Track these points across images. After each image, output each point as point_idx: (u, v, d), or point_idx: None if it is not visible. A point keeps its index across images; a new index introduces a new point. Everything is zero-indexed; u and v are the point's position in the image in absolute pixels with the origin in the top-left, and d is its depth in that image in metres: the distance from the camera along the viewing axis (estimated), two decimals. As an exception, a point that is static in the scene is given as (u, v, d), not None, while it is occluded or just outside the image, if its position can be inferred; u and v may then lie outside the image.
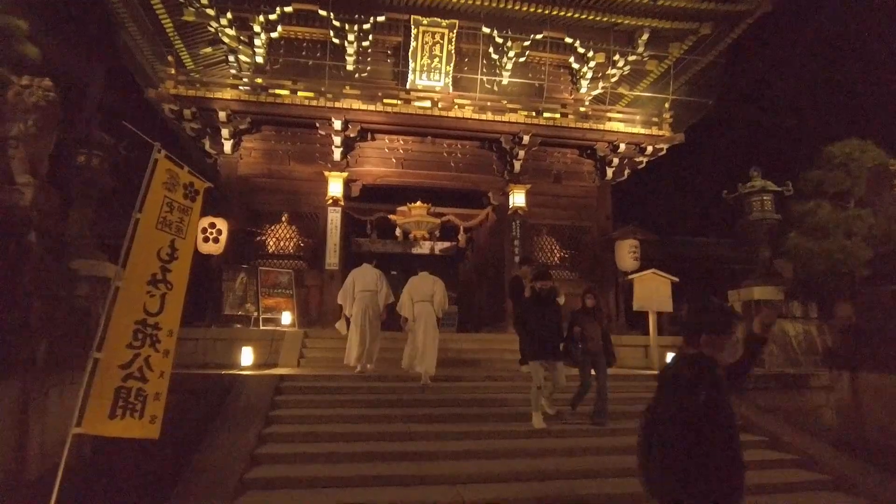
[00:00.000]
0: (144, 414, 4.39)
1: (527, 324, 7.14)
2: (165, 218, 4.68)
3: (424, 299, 9.00)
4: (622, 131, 14.05)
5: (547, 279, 7.18)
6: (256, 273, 12.25)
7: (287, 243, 13.67)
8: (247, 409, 6.90)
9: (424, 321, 8.73)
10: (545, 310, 6.99)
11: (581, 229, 14.66)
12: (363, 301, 9.28)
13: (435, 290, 9.07)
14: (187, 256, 4.86)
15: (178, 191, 4.82)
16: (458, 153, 14.38)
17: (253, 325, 11.96)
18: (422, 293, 9.04)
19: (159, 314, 4.54)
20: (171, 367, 4.65)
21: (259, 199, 13.57)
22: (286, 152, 13.85)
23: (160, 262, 4.60)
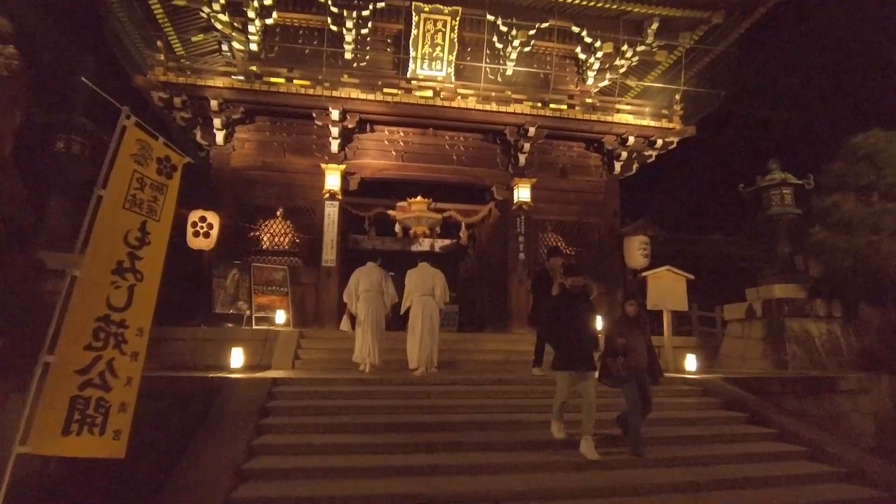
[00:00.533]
0: (106, 429, 3.61)
1: (555, 327, 6.02)
2: (135, 196, 3.91)
3: (426, 293, 8.95)
4: (631, 123, 13.32)
5: (580, 275, 6.24)
6: (249, 270, 11.46)
7: (282, 239, 12.88)
8: (235, 417, 6.11)
9: (427, 315, 8.74)
10: (577, 311, 5.91)
11: (588, 225, 13.92)
12: (368, 301, 9.03)
13: (436, 282, 8.99)
14: (162, 242, 4.09)
15: (150, 165, 4.05)
16: (460, 146, 13.62)
17: (245, 324, 11.17)
18: (422, 286, 8.99)
19: (126, 309, 3.77)
20: (140, 372, 3.87)
21: (253, 192, 12.77)
22: (281, 144, 13.06)
23: (128, 247, 3.83)
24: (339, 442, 5.79)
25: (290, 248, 12.90)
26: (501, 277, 13.74)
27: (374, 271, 9.30)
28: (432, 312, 8.89)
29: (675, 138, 13.55)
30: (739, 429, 6.96)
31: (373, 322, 8.91)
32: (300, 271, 12.57)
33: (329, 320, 12.20)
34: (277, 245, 12.83)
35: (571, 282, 6.10)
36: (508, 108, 12.83)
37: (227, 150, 12.79)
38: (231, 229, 12.22)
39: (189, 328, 10.27)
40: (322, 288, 12.44)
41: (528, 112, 12.87)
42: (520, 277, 13.10)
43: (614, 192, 14.08)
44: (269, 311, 11.31)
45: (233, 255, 12.00)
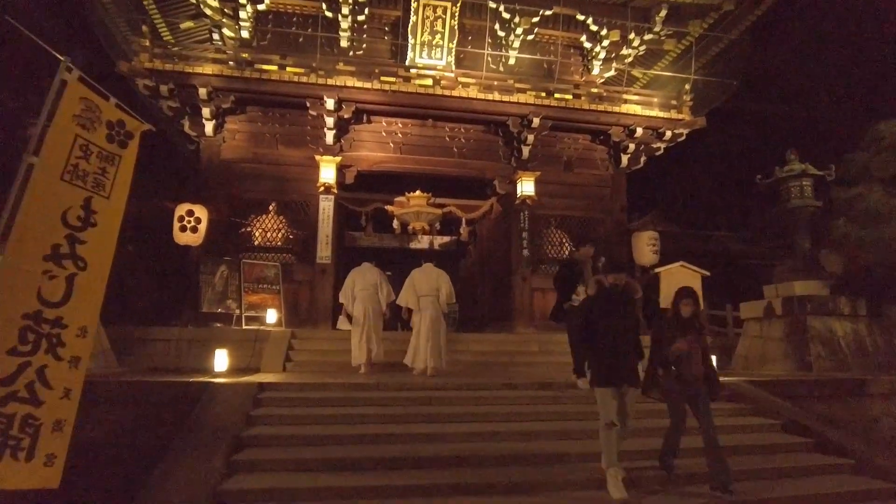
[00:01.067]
0: (36, 453, 2.85)
1: (591, 333, 4.91)
2: (77, 166, 3.15)
3: (430, 294, 8.56)
4: (639, 114, 12.59)
5: (622, 271, 5.08)
6: (239, 266, 10.68)
7: (274, 235, 12.11)
8: (215, 428, 5.34)
9: (430, 317, 8.34)
10: (619, 315, 4.84)
11: (593, 221, 13.18)
12: (364, 300, 8.73)
13: (440, 283, 8.64)
14: (112, 225, 3.33)
15: (98, 130, 3.30)
16: (461, 138, 12.87)
17: (235, 323, 10.40)
18: (426, 287, 8.60)
19: (63, 304, 3.02)
20: (82, 382, 3.10)
21: (244, 185, 11.99)
22: (274, 135, 12.29)
23: (67, 228, 3.07)
24: (333, 456, 5.02)
25: (283, 245, 12.13)
26: (504, 275, 13.00)
27: (370, 271, 9.01)
28: (437, 314, 8.51)
29: (684, 130, 12.82)
30: (774, 438, 6.22)
31: (370, 322, 8.58)
32: (294, 268, 11.80)
33: (323, 320, 11.45)
34: (270, 241, 12.05)
35: (613, 279, 4.95)
36: (511, 98, 12.08)
37: (217, 142, 12.02)
38: (220, 224, 11.46)
39: (174, 328, 9.51)
40: (316, 286, 11.67)
41: (532, 102, 12.13)
42: (523, 275, 12.37)
43: (621, 186, 13.35)
44: (260, 310, 10.54)
45: (222, 251, 11.22)
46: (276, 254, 11.97)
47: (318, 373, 8.32)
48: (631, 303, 4.99)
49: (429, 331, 8.27)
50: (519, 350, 9.81)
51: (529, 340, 10.27)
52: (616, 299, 4.89)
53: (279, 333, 9.43)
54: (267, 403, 6.17)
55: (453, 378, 7.69)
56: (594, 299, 5.06)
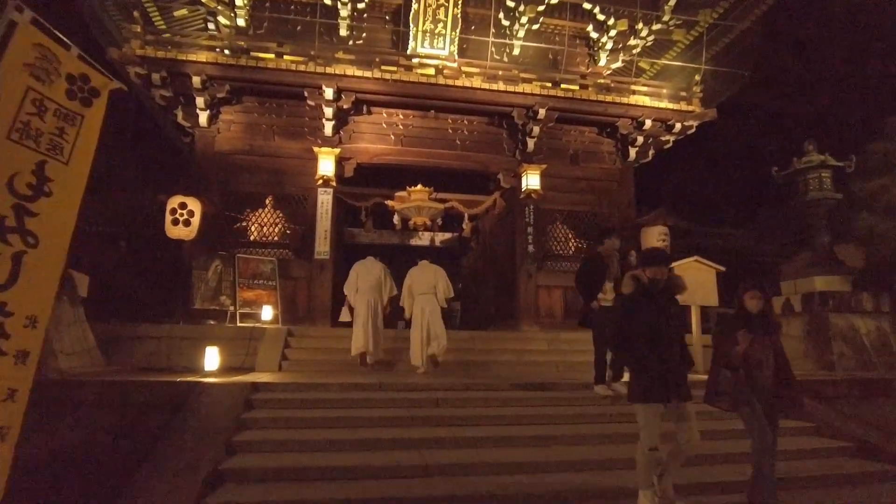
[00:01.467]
0: (-31, 467, 2.31)
1: (632, 339, 4.05)
2: (28, 124, 2.62)
3: (427, 291, 8.50)
4: (648, 106, 12.07)
5: (663, 263, 4.29)
6: (234, 261, 10.14)
7: (271, 229, 11.55)
8: (201, 433, 4.81)
9: (429, 313, 8.21)
10: (663, 316, 4.03)
11: (600, 216, 12.64)
12: (366, 294, 8.62)
13: (437, 280, 8.59)
14: (72, 196, 2.80)
15: (56, 84, 2.76)
16: (464, 130, 12.34)
17: (229, 321, 9.85)
18: (424, 285, 8.55)
19: (8, 288, 2.47)
20: (31, 380, 2.56)
21: (239, 178, 11.44)
22: (270, 126, 11.74)
23: (14, 197, 2.54)
24: (331, 464, 4.49)
25: (280, 240, 11.57)
26: (508, 272, 12.47)
27: (373, 265, 8.93)
28: (434, 310, 8.38)
29: (694, 122, 12.31)
30: (810, 442, 5.71)
31: (370, 316, 8.42)
32: (291, 264, 11.26)
33: (321, 317, 10.90)
34: (266, 236, 11.49)
35: (652, 273, 4.13)
36: (517, 88, 11.56)
37: (212, 133, 11.46)
38: (215, 218, 10.90)
39: (164, 325, 8.95)
40: (314, 282, 11.13)
41: (538, 92, 11.61)
42: (528, 271, 11.84)
43: (629, 180, 12.83)
44: (255, 306, 9.99)
45: (216, 245, 10.67)
46: (272, 249, 11.41)
47: (315, 372, 7.78)
48: (674, 301, 4.25)
49: (427, 327, 8.14)
50: (526, 349, 9.28)
51: (536, 339, 9.75)
52: (658, 297, 4.10)
53: (275, 331, 8.89)
54: (260, 405, 5.64)
55: (461, 378, 7.15)
56: (630, 298, 4.18)
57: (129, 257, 11.12)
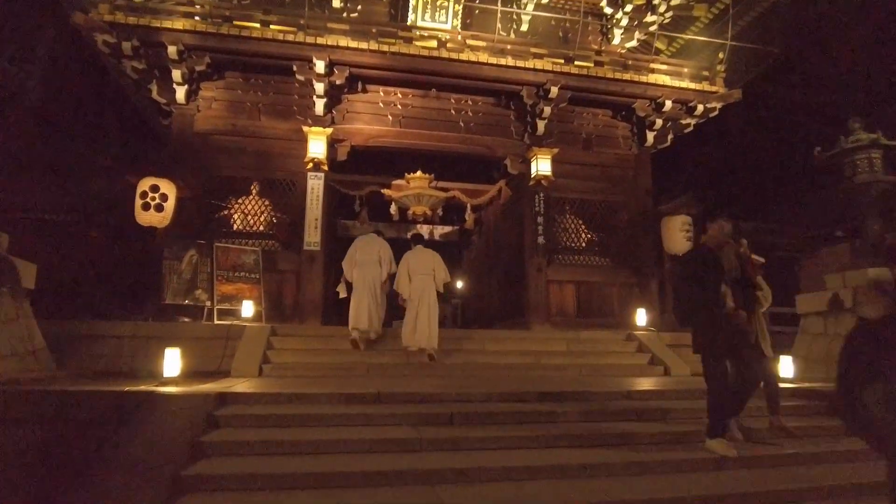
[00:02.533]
0: None
1: None
2: None
3: (425, 272, 8.14)
4: (668, 85, 10.83)
5: None
6: (212, 251, 8.79)
7: (256, 218, 10.20)
8: (138, 466, 3.48)
9: (426, 296, 7.88)
10: None
11: (615, 205, 11.40)
12: (364, 270, 8.24)
13: (435, 264, 8.25)
14: None
15: None
16: (468, 111, 11.06)
17: (206, 318, 8.51)
18: (421, 267, 8.17)
19: None
20: None
21: (221, 161, 10.09)
22: (256, 104, 10.40)
23: None
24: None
25: (266, 229, 10.24)
26: (515, 266, 11.20)
27: (373, 241, 8.49)
28: (431, 293, 8.05)
29: (717, 104, 11.07)
30: None
31: (369, 291, 8.06)
32: (277, 256, 9.93)
33: (311, 315, 9.58)
34: (250, 224, 10.14)
35: None
36: (527, 64, 10.28)
37: (191, 111, 10.12)
38: (192, 204, 9.57)
39: (127, 323, 7.64)
40: (303, 276, 9.80)
41: (551, 69, 10.34)
42: (538, 265, 10.56)
43: (645, 167, 11.58)
44: (235, 302, 8.66)
45: (194, 234, 9.32)
46: (257, 240, 10.09)
47: (301, 378, 6.46)
48: None
49: (425, 309, 7.77)
50: (543, 350, 8.01)
51: (552, 339, 8.47)
52: None
53: (256, 330, 7.57)
54: (227, 423, 4.32)
55: (475, 385, 5.84)
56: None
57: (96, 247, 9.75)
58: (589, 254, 11.25)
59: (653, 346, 8.17)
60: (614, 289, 11.04)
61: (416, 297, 7.90)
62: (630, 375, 7.47)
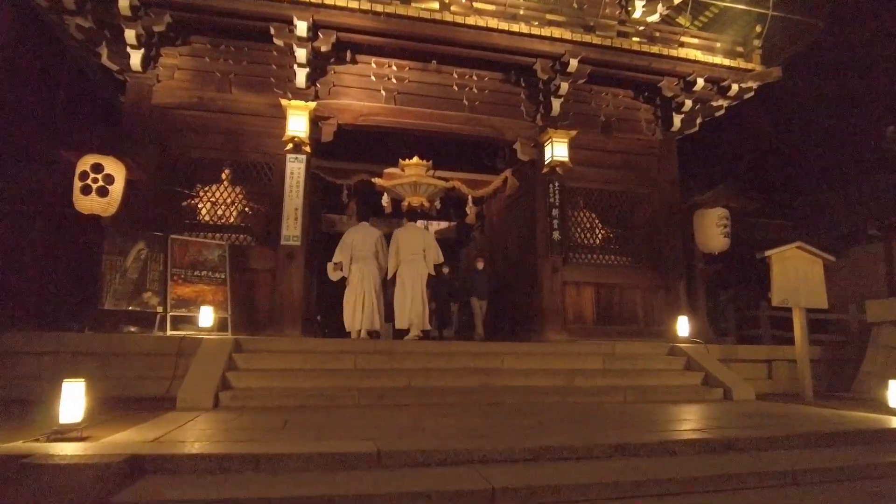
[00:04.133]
0: None
1: None
2: None
3: (415, 255, 8.01)
4: (701, 61, 9.20)
5: None
6: (166, 245, 6.95)
7: (226, 208, 8.38)
8: None
9: (416, 278, 7.85)
10: None
11: (637, 197, 9.76)
12: (360, 263, 7.97)
13: (426, 243, 8.10)
14: None
15: None
16: (473, 87, 9.32)
17: (158, 327, 6.68)
18: (411, 247, 8.02)
19: None
20: None
21: (184, 140, 8.26)
22: (226, 75, 8.57)
23: None
24: None
25: (239, 221, 8.42)
26: (525, 266, 9.53)
27: (368, 232, 8.14)
28: (422, 275, 7.96)
29: (753, 83, 9.47)
30: None
31: (369, 286, 7.82)
32: (250, 253, 8.12)
33: (290, 323, 7.80)
34: (217, 215, 8.32)
35: None
36: (543, 32, 8.59)
37: (149, 81, 8.27)
38: (148, 188, 7.74)
39: (50, 335, 5.76)
40: (281, 276, 8.00)
41: (570, 38, 8.66)
42: (554, 265, 8.89)
43: (671, 154, 9.95)
44: (194, 307, 6.83)
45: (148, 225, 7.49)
46: (229, 233, 8.28)
47: (269, 413, 4.66)
48: None
49: (413, 290, 7.70)
50: (575, 368, 6.30)
51: (584, 354, 6.73)
52: None
53: (214, 344, 5.74)
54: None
55: (511, 432, 4.07)
56: None
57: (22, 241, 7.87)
58: (608, 252, 9.59)
59: (704, 363, 6.51)
60: (637, 292, 9.38)
61: (408, 280, 7.63)
62: (687, 401, 5.80)
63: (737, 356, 7.09)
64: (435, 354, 6.13)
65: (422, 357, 5.97)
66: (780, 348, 7.38)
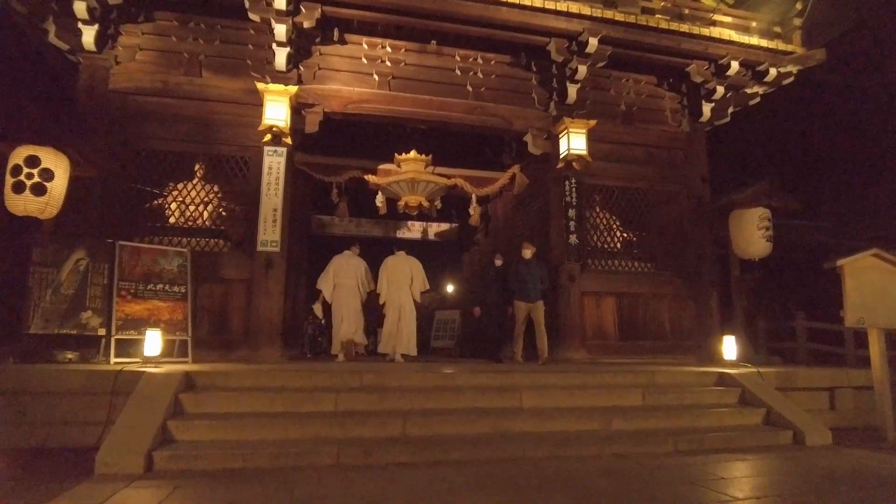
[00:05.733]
0: None
1: None
2: None
3: (403, 284, 7.70)
4: (735, 42, 7.93)
5: None
6: (113, 253, 5.62)
7: (194, 209, 7.08)
8: None
9: (403, 305, 7.63)
10: None
11: (661, 195, 8.49)
12: (343, 290, 7.64)
13: (413, 273, 7.78)
14: None
15: None
16: (478, 71, 8.02)
17: (103, 353, 5.37)
18: (399, 276, 7.70)
19: None
20: None
21: (145, 130, 6.96)
22: (196, 56, 7.27)
23: None
24: None
25: (212, 224, 7.12)
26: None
27: (352, 260, 7.81)
28: (408, 303, 7.73)
29: (793, 67, 8.19)
30: None
31: (350, 311, 7.59)
32: (222, 261, 6.82)
33: (266, 342, 6.52)
34: (186, 218, 7.02)
35: None
36: (558, 6, 7.30)
37: (105, 62, 6.97)
38: (99, 186, 6.45)
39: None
40: (257, 288, 6.70)
41: (589, 14, 7.37)
42: (571, 273, 7.59)
43: (699, 148, 8.66)
44: (147, 328, 5.50)
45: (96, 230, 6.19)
46: (198, 237, 6.97)
47: (219, 485, 3.34)
48: None
49: (401, 318, 7.58)
50: (610, 405, 4.98)
51: (619, 386, 5.35)
52: None
53: (158, 380, 4.40)
54: None
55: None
56: None
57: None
58: (630, 258, 8.32)
59: (763, 396, 5.21)
60: (664, 303, 8.10)
61: (395, 306, 7.56)
62: (750, 449, 4.50)
63: (795, 384, 5.80)
64: (435, 390, 4.82)
65: (419, 395, 4.65)
66: (844, 372, 6.09)
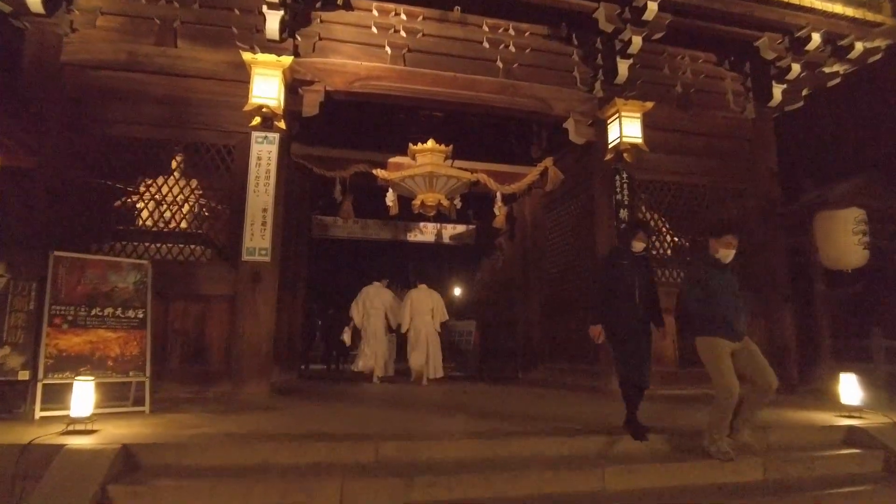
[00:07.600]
0: None
1: None
2: None
3: (425, 313, 7.80)
4: (818, 9, 6.42)
5: None
6: (45, 267, 4.12)
7: (165, 208, 5.60)
8: None
9: (426, 333, 7.68)
10: None
11: (724, 193, 6.99)
12: (373, 319, 7.97)
13: (434, 304, 7.91)
14: None
15: None
16: (509, 44, 6.52)
17: (28, 404, 3.88)
18: (422, 307, 7.82)
19: None
20: None
21: (106, 111, 5.47)
22: (170, 22, 5.78)
23: None
24: None
25: (189, 226, 5.65)
26: (576, 288, 6.77)
27: (381, 291, 8.16)
28: (433, 334, 7.75)
29: (882, 42, 6.69)
30: None
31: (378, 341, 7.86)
32: (198, 273, 5.34)
33: (253, 375, 5.05)
34: (155, 220, 5.55)
35: None
36: (609, -38, 5.82)
37: (56, 29, 5.48)
38: (44, 181, 4.98)
39: None
40: (242, 306, 5.22)
41: (646, -28, 5.88)
42: (622, 285, 6.08)
43: (768, 136, 7.17)
44: (89, 368, 4.01)
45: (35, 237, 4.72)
46: (166, 244, 5.50)
47: None
48: None
49: (430, 346, 7.58)
50: (726, 483, 3.47)
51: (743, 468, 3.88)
52: None
53: (78, 461, 2.90)
54: None
55: None
56: None
57: None
58: (679, 266, 6.82)
59: (917, 462, 3.73)
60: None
61: (422, 336, 7.63)
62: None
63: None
64: (486, 465, 3.28)
65: (462, 478, 3.07)
66: None
